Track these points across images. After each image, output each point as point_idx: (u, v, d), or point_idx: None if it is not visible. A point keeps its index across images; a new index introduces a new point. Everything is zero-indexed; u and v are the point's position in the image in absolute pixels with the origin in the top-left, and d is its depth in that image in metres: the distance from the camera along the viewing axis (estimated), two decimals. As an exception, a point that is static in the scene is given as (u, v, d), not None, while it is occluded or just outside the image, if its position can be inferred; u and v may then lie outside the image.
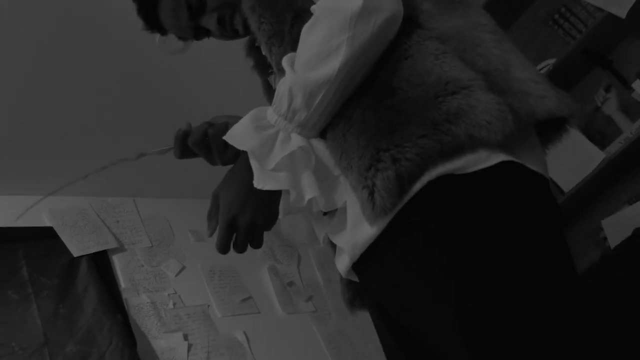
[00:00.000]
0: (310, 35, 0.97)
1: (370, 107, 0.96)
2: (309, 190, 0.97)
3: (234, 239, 1.03)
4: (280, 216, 1.03)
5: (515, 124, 0.91)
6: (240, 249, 1.04)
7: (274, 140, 0.98)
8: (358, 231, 0.96)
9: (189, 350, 2.64)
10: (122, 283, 2.71)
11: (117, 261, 2.77)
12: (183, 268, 2.94)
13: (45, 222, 2.71)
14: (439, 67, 0.95)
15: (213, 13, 1.22)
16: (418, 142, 0.90)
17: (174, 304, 2.78)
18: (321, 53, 0.95)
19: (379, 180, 0.91)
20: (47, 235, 2.65)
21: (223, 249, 1.03)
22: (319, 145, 1.01)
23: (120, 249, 2.82)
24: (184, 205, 3.23)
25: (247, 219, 1.01)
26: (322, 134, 1.01)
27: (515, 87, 0.96)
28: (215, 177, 1.46)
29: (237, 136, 0.99)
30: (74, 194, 2.88)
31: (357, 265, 1.01)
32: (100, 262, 2.70)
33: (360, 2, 0.93)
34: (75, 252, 2.63)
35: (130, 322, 2.58)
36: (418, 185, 0.91)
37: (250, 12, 1.06)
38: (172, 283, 2.85)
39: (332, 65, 0.95)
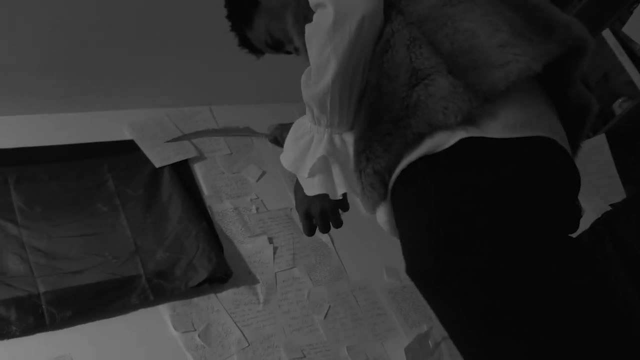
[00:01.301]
0: (310, 52, 1.09)
1: (364, 104, 1.08)
2: (340, 187, 1.16)
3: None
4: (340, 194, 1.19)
5: (473, 102, 0.97)
6: (323, 231, 1.28)
7: (308, 147, 1.17)
8: (378, 214, 1.15)
9: (274, 253, 2.68)
10: (205, 191, 2.75)
11: (198, 170, 2.81)
12: (263, 173, 2.94)
13: (126, 136, 2.76)
14: (409, 58, 1.03)
15: (290, 45, 1.37)
16: (384, 139, 1.03)
17: (257, 208, 2.80)
18: (318, 67, 1.08)
19: (363, 177, 1.07)
20: (129, 148, 2.70)
21: (307, 234, 1.28)
22: (349, 139, 1.15)
23: (200, 157, 2.85)
24: (261, 110, 3.19)
25: (317, 207, 1.24)
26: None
27: (479, 61, 1.00)
28: (291, 80, 1.45)
29: (286, 150, 1.22)
30: (151, 107, 2.90)
31: None
32: (182, 171, 2.74)
33: (332, 15, 1.03)
34: (157, 163, 2.68)
35: (216, 228, 2.63)
36: (396, 173, 1.04)
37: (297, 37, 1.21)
38: (254, 188, 2.87)
39: (327, 77, 1.07)
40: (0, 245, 2.22)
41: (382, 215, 1.13)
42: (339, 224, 1.28)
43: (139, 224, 2.48)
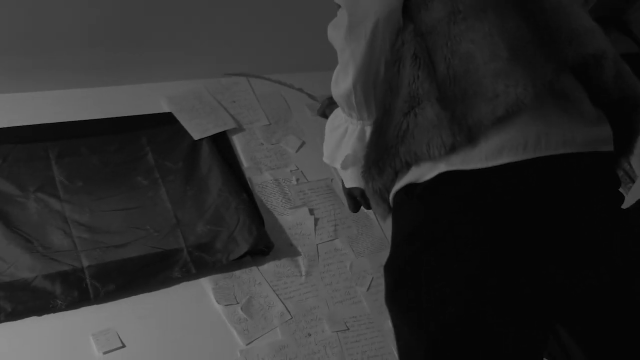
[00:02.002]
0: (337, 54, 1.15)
1: (378, 109, 1.13)
2: None
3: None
4: None
5: (457, 136, 0.97)
6: (366, 207, 1.37)
7: (342, 137, 1.25)
8: None
9: (315, 225, 2.65)
10: (244, 162, 2.72)
11: (237, 141, 2.77)
12: (303, 144, 2.89)
13: (164, 108, 2.74)
14: (409, 79, 1.03)
15: None
16: (377, 164, 1.08)
17: (297, 179, 2.76)
18: (341, 68, 1.14)
19: (369, 194, 1.17)
20: (167, 120, 2.68)
21: (352, 210, 1.40)
22: None
23: (239, 129, 2.81)
24: (298, 80, 3.14)
25: (357, 189, 1.33)
26: None
27: (469, 91, 0.99)
28: (325, 49, 1.45)
29: (325, 139, 1.33)
30: (188, 78, 2.87)
31: None
32: (221, 143, 2.70)
33: (346, 19, 1.06)
34: (196, 135, 2.65)
35: (256, 200, 2.60)
36: (391, 195, 1.11)
37: None
38: (293, 159, 2.83)
39: (348, 80, 1.12)
40: (44, 220, 2.23)
41: None
42: None
43: (179, 197, 2.47)
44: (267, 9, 2.66)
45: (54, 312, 2.06)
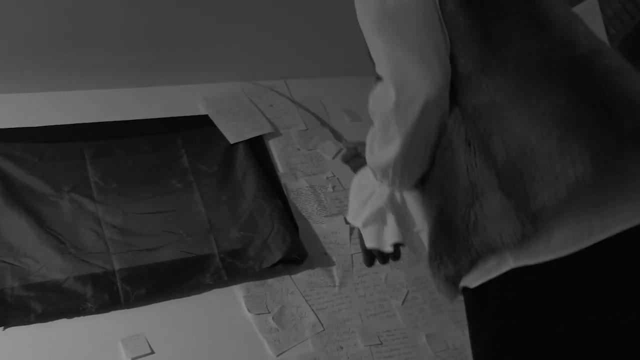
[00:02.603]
0: (374, 123, 1.12)
1: (432, 194, 1.12)
2: (392, 237, 1.22)
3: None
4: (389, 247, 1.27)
5: (526, 225, 0.96)
6: (382, 263, 1.31)
7: (368, 199, 1.23)
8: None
9: (351, 234, 2.58)
10: (280, 168, 2.66)
11: (273, 146, 2.72)
12: (340, 150, 2.82)
13: (201, 110, 2.70)
14: (466, 167, 1.03)
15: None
16: (452, 255, 1.06)
17: (333, 187, 2.70)
18: (382, 141, 1.10)
19: (437, 281, 1.12)
20: (203, 123, 2.64)
21: (367, 265, 1.33)
22: (409, 198, 1.22)
23: (276, 133, 2.76)
24: (337, 84, 3.08)
25: (376, 250, 1.29)
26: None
27: (526, 175, 0.97)
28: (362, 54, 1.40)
29: (350, 196, 1.30)
30: (226, 80, 2.83)
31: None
32: (257, 147, 2.66)
33: (393, 97, 1.02)
34: (232, 139, 2.61)
35: (290, 206, 2.54)
36: (461, 285, 1.10)
37: None
38: (330, 166, 2.77)
39: (390, 154, 1.09)
40: (77, 221, 2.20)
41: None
42: (396, 257, 1.30)
43: (213, 202, 2.42)
44: (307, 12, 2.60)
45: (84, 314, 2.04)
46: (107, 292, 2.07)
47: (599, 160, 0.94)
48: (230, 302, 2.25)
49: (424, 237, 1.18)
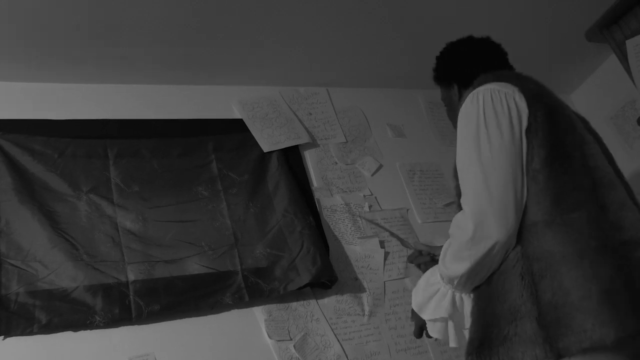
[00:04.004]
0: (452, 240, 1.37)
1: (482, 303, 1.35)
2: (452, 342, 1.48)
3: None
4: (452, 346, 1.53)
5: (548, 354, 1.18)
6: (429, 337, 1.58)
7: (433, 295, 1.46)
8: None
9: (385, 259, 2.38)
10: (314, 182, 2.48)
11: (309, 157, 2.54)
12: (380, 167, 2.64)
13: (235, 114, 2.53)
14: (515, 294, 1.27)
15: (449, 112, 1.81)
16: (482, 355, 1.29)
17: (370, 206, 2.50)
18: (454, 257, 1.35)
19: None
20: (236, 128, 2.47)
21: (416, 336, 1.61)
22: (467, 301, 1.44)
23: (313, 144, 2.58)
24: (382, 96, 2.89)
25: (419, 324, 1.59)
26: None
27: (563, 320, 1.20)
28: (413, 66, 1.70)
29: (417, 288, 1.52)
30: (264, 84, 2.66)
31: None
32: (292, 158, 2.48)
33: (471, 232, 1.30)
34: (266, 147, 2.43)
35: (322, 224, 2.36)
36: None
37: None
38: (368, 183, 2.57)
39: (459, 272, 1.35)
40: (93, 225, 2.05)
41: None
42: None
43: (241, 214, 2.25)
44: (354, 18, 2.41)
45: (91, 328, 1.88)
46: (119, 306, 1.91)
47: (621, 332, 1.17)
48: (249, 325, 2.07)
49: (466, 333, 1.42)
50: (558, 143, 1.35)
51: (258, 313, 2.10)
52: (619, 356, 1.20)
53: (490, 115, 1.35)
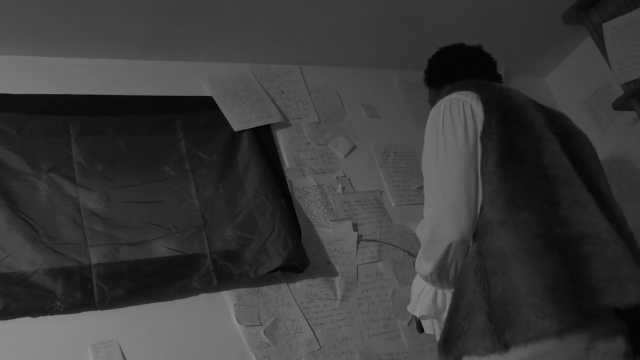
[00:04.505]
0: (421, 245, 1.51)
1: (452, 299, 1.43)
2: (437, 335, 1.56)
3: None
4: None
5: (496, 345, 1.28)
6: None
7: (421, 292, 1.56)
8: None
9: (358, 242, 2.33)
10: (286, 162, 2.41)
11: (280, 137, 2.46)
12: (354, 148, 2.57)
13: (205, 92, 2.44)
14: (471, 290, 1.36)
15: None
16: (445, 347, 1.37)
17: (343, 188, 2.44)
18: (422, 258, 1.47)
19: None
20: (206, 106, 2.38)
21: (419, 331, 1.69)
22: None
23: (285, 123, 2.50)
24: (356, 76, 2.82)
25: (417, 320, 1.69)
26: None
27: (511, 314, 1.29)
28: (388, 46, 1.68)
29: (412, 291, 1.62)
30: (235, 61, 2.56)
31: None
32: (263, 137, 2.40)
33: (429, 233, 1.43)
34: (236, 126, 2.35)
35: (294, 207, 2.29)
36: None
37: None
38: (341, 164, 2.51)
39: (426, 271, 1.47)
40: (53, 206, 1.96)
41: None
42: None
43: (209, 195, 2.17)
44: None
45: (51, 314, 1.80)
46: (80, 290, 1.83)
47: (562, 322, 1.25)
48: (218, 309, 2.01)
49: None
50: (512, 145, 1.42)
51: (227, 297, 2.03)
52: (563, 345, 1.27)
53: (447, 123, 1.44)
